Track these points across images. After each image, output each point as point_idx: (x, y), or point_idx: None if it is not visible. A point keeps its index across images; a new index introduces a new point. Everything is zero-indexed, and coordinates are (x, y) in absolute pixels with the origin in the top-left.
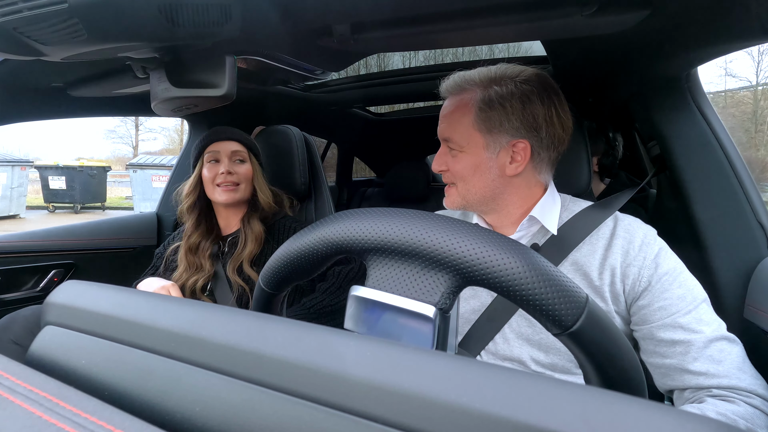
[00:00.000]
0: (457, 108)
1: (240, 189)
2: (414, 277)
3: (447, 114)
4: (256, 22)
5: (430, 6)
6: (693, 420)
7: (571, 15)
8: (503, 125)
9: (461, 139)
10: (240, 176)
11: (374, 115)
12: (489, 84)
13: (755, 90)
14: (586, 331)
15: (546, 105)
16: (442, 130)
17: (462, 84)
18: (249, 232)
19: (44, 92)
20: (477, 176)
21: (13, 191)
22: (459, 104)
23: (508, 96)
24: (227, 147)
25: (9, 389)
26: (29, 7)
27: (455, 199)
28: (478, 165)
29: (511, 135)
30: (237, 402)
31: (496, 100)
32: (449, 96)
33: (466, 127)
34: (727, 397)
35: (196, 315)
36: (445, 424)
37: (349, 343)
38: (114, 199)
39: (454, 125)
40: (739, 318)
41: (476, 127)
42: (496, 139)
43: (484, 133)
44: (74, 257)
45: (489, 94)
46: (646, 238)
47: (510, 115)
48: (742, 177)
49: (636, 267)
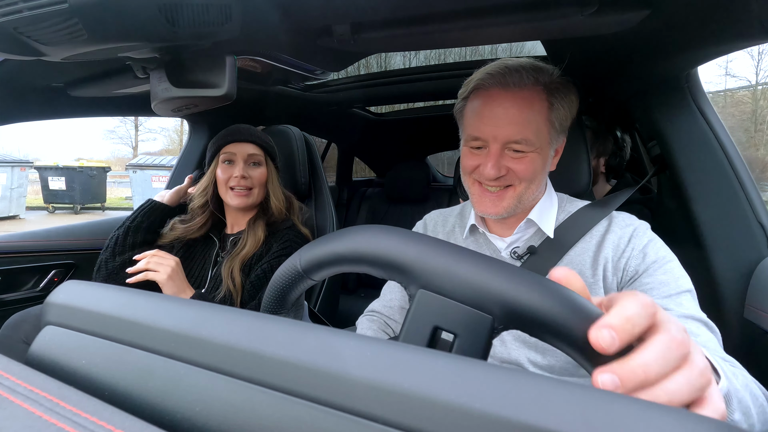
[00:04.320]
0: (529, 106)
1: (253, 193)
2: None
3: (516, 114)
4: (256, 22)
5: (430, 6)
6: (693, 420)
7: (571, 15)
8: (566, 121)
9: (536, 138)
10: (254, 180)
11: (374, 115)
12: (548, 77)
13: (755, 90)
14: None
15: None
16: (511, 131)
17: (521, 74)
18: (251, 235)
19: (44, 92)
20: (542, 174)
21: (13, 192)
22: (531, 101)
23: (567, 92)
24: (244, 149)
25: (9, 389)
26: (29, 7)
27: (510, 203)
28: (545, 163)
29: (565, 131)
30: (237, 402)
31: (563, 95)
32: (506, 88)
33: (540, 126)
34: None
35: (196, 315)
36: (445, 424)
37: (349, 343)
38: (114, 199)
39: (528, 126)
40: (739, 318)
41: (549, 123)
42: (558, 135)
43: (553, 128)
44: (74, 257)
45: (557, 89)
46: (637, 231)
47: (569, 110)
48: (742, 177)
49: (625, 258)
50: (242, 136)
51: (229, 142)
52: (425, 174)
